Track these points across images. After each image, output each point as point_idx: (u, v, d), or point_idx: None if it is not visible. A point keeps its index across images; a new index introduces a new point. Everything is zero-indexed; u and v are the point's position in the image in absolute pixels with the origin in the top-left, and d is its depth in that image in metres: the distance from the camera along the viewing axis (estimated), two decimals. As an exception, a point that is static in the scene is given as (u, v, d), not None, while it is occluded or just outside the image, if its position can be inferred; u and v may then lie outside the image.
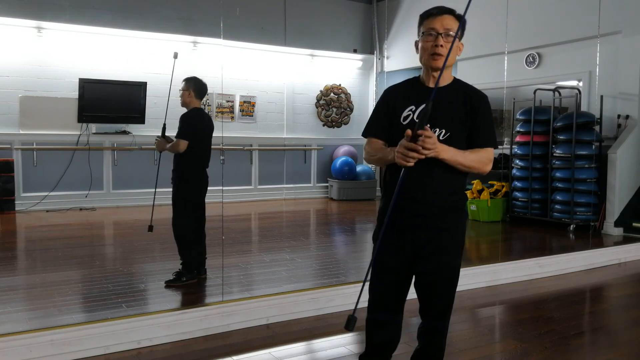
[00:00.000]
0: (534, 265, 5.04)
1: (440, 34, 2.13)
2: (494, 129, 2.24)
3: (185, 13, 8.98)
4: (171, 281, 4.29)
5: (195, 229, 4.50)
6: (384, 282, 2.27)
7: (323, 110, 10.72)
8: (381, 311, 2.30)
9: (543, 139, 7.38)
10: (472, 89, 2.25)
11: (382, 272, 2.26)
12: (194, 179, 4.43)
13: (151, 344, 3.21)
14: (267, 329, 3.53)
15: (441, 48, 2.12)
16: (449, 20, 2.16)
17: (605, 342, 3.53)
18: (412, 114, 2.18)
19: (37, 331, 3.09)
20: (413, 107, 2.18)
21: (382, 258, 2.24)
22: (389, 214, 2.08)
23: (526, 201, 7.54)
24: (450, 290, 2.28)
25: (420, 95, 2.18)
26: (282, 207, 9.54)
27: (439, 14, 2.16)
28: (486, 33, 8.59)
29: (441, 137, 2.13)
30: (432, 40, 2.14)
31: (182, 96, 4.46)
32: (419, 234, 2.18)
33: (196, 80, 4.48)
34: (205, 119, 4.55)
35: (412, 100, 2.20)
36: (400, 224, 2.19)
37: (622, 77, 7.09)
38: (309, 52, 10.33)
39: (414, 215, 2.17)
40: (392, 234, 2.20)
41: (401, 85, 2.34)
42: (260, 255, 5.69)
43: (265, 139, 10.07)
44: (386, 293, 2.28)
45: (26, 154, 8.17)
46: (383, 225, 2.14)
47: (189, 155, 4.33)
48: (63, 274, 4.64)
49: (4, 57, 7.99)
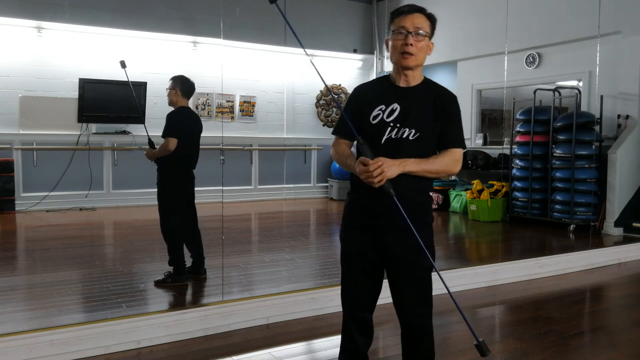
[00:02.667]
0: (534, 265, 5.03)
1: (411, 32, 2.12)
2: (462, 130, 2.24)
3: (185, 13, 8.98)
4: (159, 281, 4.29)
5: (186, 230, 4.46)
6: (358, 283, 2.27)
7: (323, 110, 10.72)
8: (359, 311, 2.28)
9: (543, 139, 7.38)
10: (443, 90, 2.24)
11: (353, 273, 2.27)
12: (179, 180, 4.35)
13: (151, 344, 3.21)
14: (267, 329, 3.53)
15: (411, 47, 2.11)
16: (419, 19, 2.14)
17: (605, 342, 3.53)
18: (381, 113, 2.16)
19: (37, 331, 3.09)
20: (383, 107, 2.17)
21: (351, 259, 2.26)
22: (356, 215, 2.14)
23: (526, 201, 7.54)
24: (422, 287, 2.24)
25: (390, 95, 2.18)
26: (282, 207, 9.54)
27: (410, 12, 2.14)
28: (486, 33, 8.60)
29: (411, 137, 2.13)
30: (402, 38, 2.13)
31: (169, 95, 4.40)
32: (385, 234, 2.17)
33: (183, 78, 4.42)
34: (192, 117, 4.47)
35: (382, 99, 2.19)
36: (366, 225, 2.20)
37: (622, 77, 7.09)
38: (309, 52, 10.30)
39: (380, 215, 2.16)
40: (359, 235, 2.21)
41: (371, 84, 2.33)
42: (260, 255, 5.69)
43: (265, 139, 10.07)
44: (360, 293, 2.28)
45: (26, 154, 8.17)
46: (349, 226, 2.20)
47: (175, 155, 4.23)
48: (63, 274, 4.64)
49: (4, 57, 7.99)
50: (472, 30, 9.01)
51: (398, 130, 2.13)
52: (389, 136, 2.14)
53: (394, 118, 2.14)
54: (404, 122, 2.13)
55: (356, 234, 2.23)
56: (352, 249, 2.25)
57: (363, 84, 2.34)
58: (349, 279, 2.30)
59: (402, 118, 2.13)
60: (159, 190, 4.39)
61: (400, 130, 2.13)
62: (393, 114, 2.15)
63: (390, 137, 2.14)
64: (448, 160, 2.16)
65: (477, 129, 9.47)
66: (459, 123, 2.23)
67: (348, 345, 2.33)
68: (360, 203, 2.21)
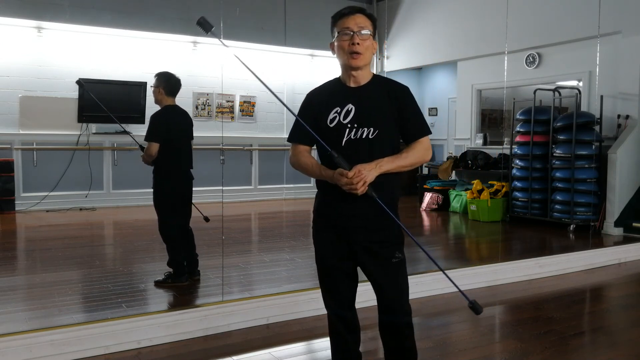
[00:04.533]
0: (534, 265, 5.03)
1: (355, 32, 2.15)
2: (423, 117, 2.27)
3: (185, 13, 8.97)
4: (159, 281, 4.29)
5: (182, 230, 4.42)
6: (335, 283, 2.29)
7: (323, 110, 10.71)
8: (341, 309, 2.31)
9: (543, 139, 7.38)
10: (393, 83, 2.28)
11: (329, 273, 2.30)
12: (172, 181, 4.27)
13: (151, 344, 3.21)
14: (267, 329, 3.53)
15: (358, 46, 2.15)
16: (361, 19, 2.17)
17: (605, 342, 3.53)
18: (337, 115, 2.19)
19: (37, 331, 3.09)
20: (338, 109, 2.20)
21: (326, 259, 2.29)
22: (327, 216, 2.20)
23: (526, 201, 7.54)
24: (397, 281, 2.25)
25: (343, 96, 2.22)
26: (282, 207, 9.54)
27: (352, 13, 2.18)
28: (486, 33, 8.60)
29: (370, 135, 2.16)
30: (348, 39, 2.16)
31: (154, 93, 4.29)
32: (356, 233, 2.20)
33: (166, 75, 4.30)
34: (176, 116, 4.32)
35: (336, 102, 2.22)
36: (337, 225, 2.22)
37: (622, 77, 7.09)
38: (309, 52, 10.32)
39: (350, 215, 2.18)
40: (331, 235, 2.24)
41: (323, 87, 2.36)
42: (260, 255, 5.69)
43: (265, 139, 10.07)
44: (338, 293, 2.31)
45: (26, 154, 8.18)
46: (320, 228, 2.25)
47: (164, 156, 4.17)
48: (63, 274, 4.64)
49: (4, 57, 7.99)
50: (472, 30, 9.01)
51: (357, 130, 2.17)
52: (349, 137, 2.17)
53: (350, 119, 2.18)
54: (361, 121, 2.17)
55: (328, 235, 2.26)
56: (325, 249, 2.29)
57: (314, 88, 2.37)
58: (326, 280, 2.33)
59: (359, 118, 2.17)
60: (154, 192, 4.34)
61: (358, 130, 2.16)
62: (349, 115, 2.18)
63: (350, 138, 2.17)
64: (419, 151, 2.21)
65: (477, 129, 9.47)
66: (418, 111, 2.26)
67: (339, 345, 2.36)
68: (330, 204, 2.23)
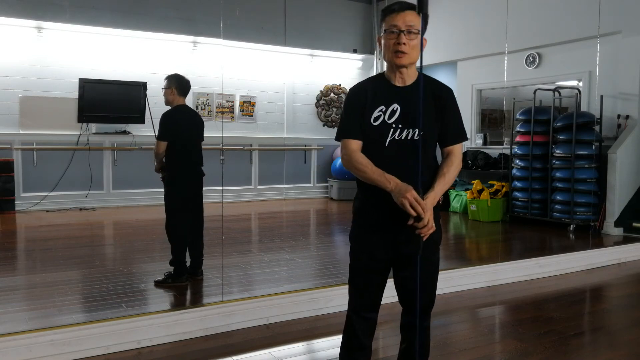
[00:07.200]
0: (534, 265, 5.03)
1: (403, 31, 2.09)
2: (462, 122, 2.25)
3: (185, 13, 8.98)
4: (159, 281, 4.30)
5: (191, 230, 4.46)
6: (366, 283, 2.26)
7: (323, 110, 10.72)
8: (365, 311, 2.28)
9: (543, 139, 7.38)
10: (439, 84, 2.23)
11: (362, 272, 2.26)
12: (182, 179, 4.37)
13: (151, 344, 3.21)
14: (267, 329, 3.53)
15: (404, 46, 2.09)
16: (411, 16, 2.10)
17: (605, 342, 3.53)
18: (382, 114, 2.14)
19: (37, 331, 3.09)
20: (383, 108, 2.15)
21: (361, 258, 2.25)
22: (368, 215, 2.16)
23: (526, 201, 7.54)
24: (432, 286, 2.28)
25: (389, 95, 2.16)
26: (282, 207, 9.54)
27: (401, 10, 2.11)
28: (486, 33, 8.60)
29: (415, 136, 2.12)
30: (394, 37, 2.10)
31: (165, 94, 4.41)
32: (397, 233, 2.17)
33: (178, 77, 4.43)
34: (188, 115, 4.47)
35: (381, 100, 2.16)
36: (378, 224, 2.19)
37: (622, 77, 7.08)
38: (309, 52, 10.33)
39: (394, 215, 2.13)
40: (370, 234, 2.21)
41: (368, 83, 2.27)
42: (260, 255, 5.69)
43: (265, 139, 10.07)
44: (368, 293, 2.27)
45: (26, 154, 8.17)
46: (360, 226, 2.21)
47: (175, 154, 4.29)
48: (63, 274, 4.64)
49: (4, 57, 7.99)
50: (472, 30, 9.01)
51: (401, 131, 2.13)
52: (392, 137, 2.13)
53: (395, 119, 2.13)
54: (406, 122, 2.12)
55: (367, 234, 2.22)
56: (362, 248, 2.24)
57: (359, 83, 2.29)
58: (357, 279, 2.28)
59: (404, 118, 2.12)
60: (165, 190, 4.42)
61: (403, 131, 2.12)
62: (394, 114, 2.14)
63: (394, 139, 2.13)
64: (457, 167, 2.22)
65: (477, 129, 9.47)
66: (459, 116, 2.24)
67: (351, 343, 2.31)
68: (372, 203, 2.19)
